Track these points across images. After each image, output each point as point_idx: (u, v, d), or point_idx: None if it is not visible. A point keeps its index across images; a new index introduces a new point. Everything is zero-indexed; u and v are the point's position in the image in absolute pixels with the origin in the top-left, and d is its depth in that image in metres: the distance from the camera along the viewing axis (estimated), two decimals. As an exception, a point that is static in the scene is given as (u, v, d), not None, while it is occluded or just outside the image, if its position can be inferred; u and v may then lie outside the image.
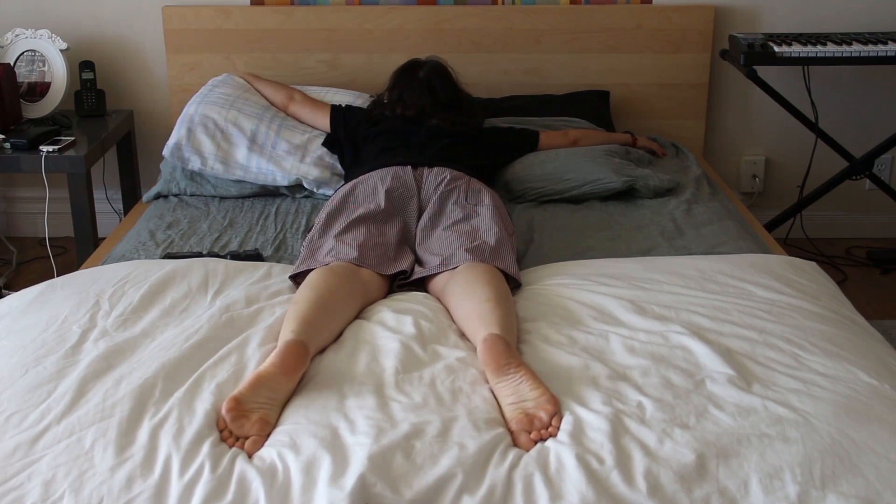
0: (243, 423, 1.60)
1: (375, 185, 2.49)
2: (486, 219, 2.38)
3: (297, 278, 2.18)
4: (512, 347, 1.82)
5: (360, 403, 1.66)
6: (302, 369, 1.74)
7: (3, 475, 1.50)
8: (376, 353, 1.84)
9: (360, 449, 1.53)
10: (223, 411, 1.61)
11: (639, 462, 1.53)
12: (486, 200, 2.47)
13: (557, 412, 1.66)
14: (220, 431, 1.60)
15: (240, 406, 1.62)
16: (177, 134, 2.97)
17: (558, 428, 1.62)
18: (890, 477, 1.48)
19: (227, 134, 2.94)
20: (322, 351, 1.87)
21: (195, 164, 2.94)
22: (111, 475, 1.50)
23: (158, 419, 1.63)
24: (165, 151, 2.97)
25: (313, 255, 2.25)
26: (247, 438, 1.59)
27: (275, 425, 1.64)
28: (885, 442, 1.56)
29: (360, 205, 2.42)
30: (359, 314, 2.05)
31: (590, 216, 2.76)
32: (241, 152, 2.92)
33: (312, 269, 2.13)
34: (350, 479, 1.45)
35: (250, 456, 1.56)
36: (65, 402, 1.67)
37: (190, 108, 3.03)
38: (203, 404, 1.67)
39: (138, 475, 1.50)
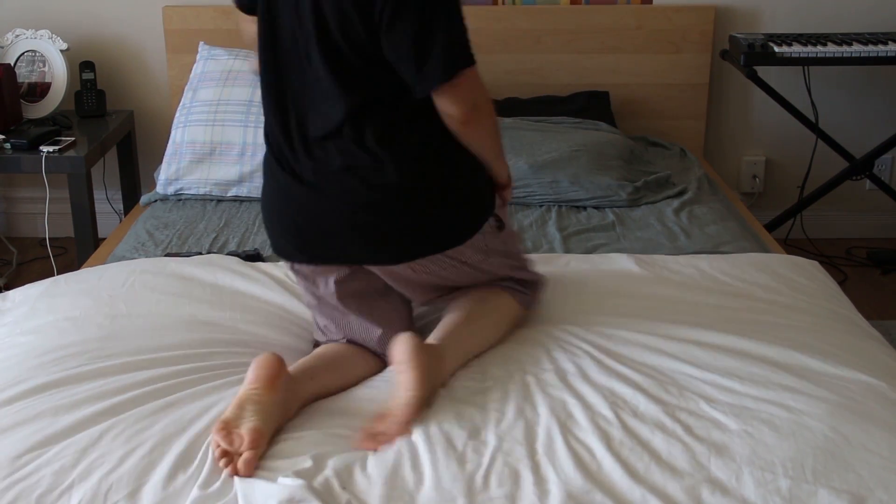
0: (234, 439, 1.54)
1: None
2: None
3: None
4: (431, 354, 1.71)
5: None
6: (281, 379, 1.65)
7: (12, 466, 1.51)
8: None
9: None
10: (213, 434, 1.55)
11: (629, 452, 1.54)
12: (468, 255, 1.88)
13: (406, 420, 1.61)
14: (218, 460, 1.52)
15: (229, 426, 1.55)
16: (166, 170, 2.97)
17: (393, 436, 1.58)
18: (881, 473, 1.49)
19: (216, 156, 2.94)
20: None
21: (191, 192, 2.95)
22: (119, 464, 1.51)
23: (171, 415, 1.65)
24: (159, 188, 2.98)
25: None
26: (240, 456, 1.52)
27: (269, 439, 1.58)
28: (877, 439, 1.57)
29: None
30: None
31: (592, 216, 2.76)
32: (232, 171, 2.93)
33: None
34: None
35: (242, 475, 1.49)
36: (77, 399, 1.68)
37: (175, 135, 3.01)
38: (217, 401, 1.68)
39: (147, 464, 1.51)
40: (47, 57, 3.35)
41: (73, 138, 3.11)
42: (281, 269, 2.24)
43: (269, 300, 2.13)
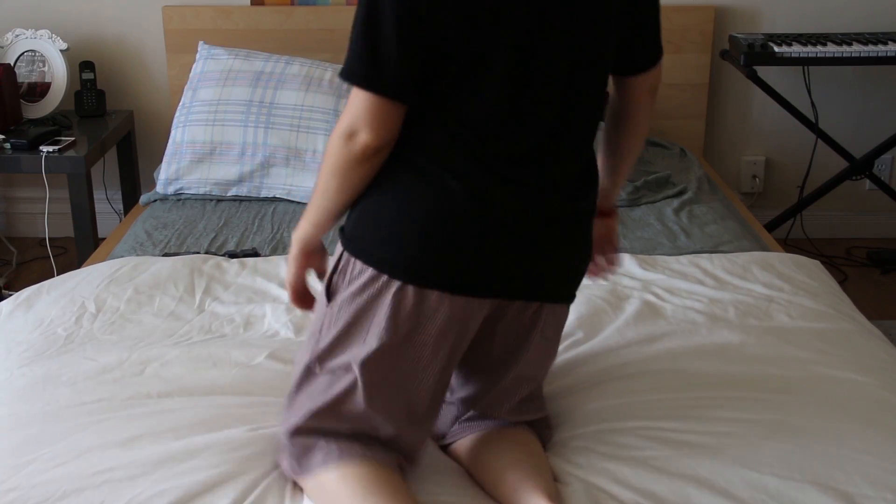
0: None
1: None
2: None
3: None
4: None
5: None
6: None
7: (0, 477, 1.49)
8: None
9: None
10: None
11: (620, 452, 1.54)
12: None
13: None
14: None
15: None
16: (166, 170, 2.97)
17: None
18: (868, 470, 1.50)
19: (216, 155, 2.94)
20: None
21: (190, 191, 2.95)
22: (112, 475, 1.49)
23: (155, 419, 1.63)
24: (159, 188, 2.98)
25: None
26: None
27: None
28: (866, 438, 1.58)
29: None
30: None
31: (591, 216, 2.77)
32: (232, 170, 2.93)
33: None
34: None
35: None
36: (58, 405, 1.66)
37: (175, 135, 3.01)
38: (202, 402, 1.68)
39: (139, 475, 1.49)
40: (47, 57, 3.35)
41: (72, 138, 3.11)
42: (270, 262, 2.30)
43: (240, 289, 2.16)
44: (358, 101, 1.37)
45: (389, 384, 1.44)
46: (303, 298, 1.58)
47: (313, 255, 1.55)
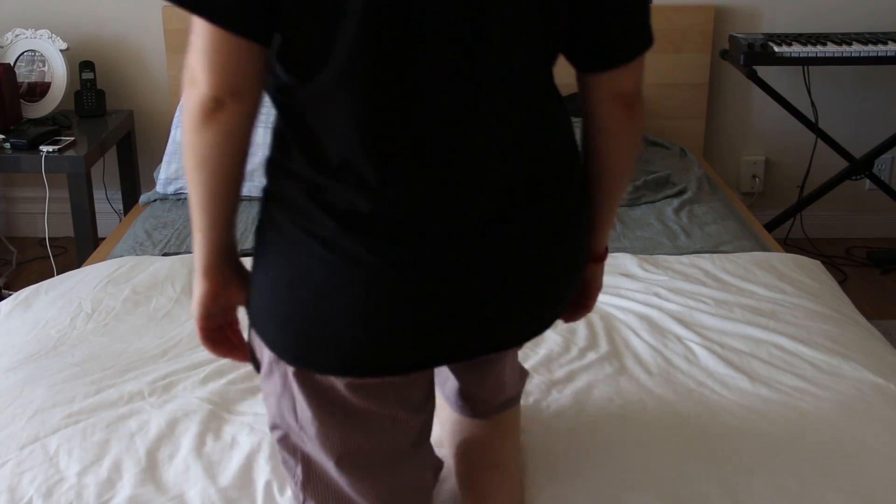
0: None
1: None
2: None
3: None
4: None
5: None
6: None
7: None
8: None
9: None
10: None
11: (639, 458, 1.53)
12: None
13: None
14: None
15: None
16: (166, 169, 2.96)
17: None
18: (890, 475, 1.49)
19: None
20: None
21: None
22: (78, 480, 1.48)
23: (127, 424, 1.62)
24: (159, 187, 2.98)
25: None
26: None
27: None
28: (886, 441, 1.57)
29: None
30: None
31: (591, 216, 2.77)
32: None
33: None
34: None
35: None
36: (32, 409, 1.65)
37: (175, 134, 3.00)
38: (173, 406, 1.67)
39: (106, 480, 1.48)
40: (47, 57, 3.34)
41: (72, 138, 3.11)
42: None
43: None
44: (194, 35, 1.06)
45: (347, 447, 1.24)
46: (216, 342, 1.24)
47: (224, 282, 1.20)
